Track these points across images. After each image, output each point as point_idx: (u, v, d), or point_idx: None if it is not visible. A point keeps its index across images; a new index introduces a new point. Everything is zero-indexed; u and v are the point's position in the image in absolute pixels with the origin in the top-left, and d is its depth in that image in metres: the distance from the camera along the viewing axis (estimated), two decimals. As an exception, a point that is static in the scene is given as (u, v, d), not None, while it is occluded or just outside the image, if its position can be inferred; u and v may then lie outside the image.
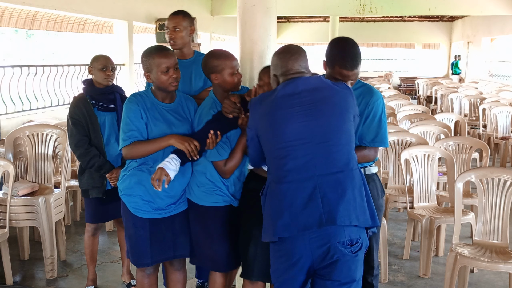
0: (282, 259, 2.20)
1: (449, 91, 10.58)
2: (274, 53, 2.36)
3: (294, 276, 2.18)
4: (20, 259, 4.24)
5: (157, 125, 2.59)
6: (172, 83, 2.57)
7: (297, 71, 2.26)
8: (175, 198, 2.67)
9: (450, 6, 14.23)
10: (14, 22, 8.54)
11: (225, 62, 2.62)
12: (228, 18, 15.07)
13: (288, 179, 2.15)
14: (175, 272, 2.87)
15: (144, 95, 2.64)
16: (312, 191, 2.11)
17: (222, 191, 2.67)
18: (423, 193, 4.11)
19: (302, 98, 2.17)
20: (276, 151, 2.19)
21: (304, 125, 2.15)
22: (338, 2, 14.26)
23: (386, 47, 23.38)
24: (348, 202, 2.11)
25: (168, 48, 2.66)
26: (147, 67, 2.59)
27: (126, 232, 2.77)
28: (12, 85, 7.19)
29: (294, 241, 2.15)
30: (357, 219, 2.12)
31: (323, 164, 2.13)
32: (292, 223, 2.12)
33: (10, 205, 3.64)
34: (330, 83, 2.25)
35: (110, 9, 9.27)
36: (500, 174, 3.30)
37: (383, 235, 3.73)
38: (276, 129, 2.18)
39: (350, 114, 2.22)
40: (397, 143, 4.56)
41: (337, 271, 2.14)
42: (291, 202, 2.13)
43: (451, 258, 3.25)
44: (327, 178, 2.12)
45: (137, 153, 2.56)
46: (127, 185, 2.65)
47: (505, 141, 7.11)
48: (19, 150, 4.34)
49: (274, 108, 2.19)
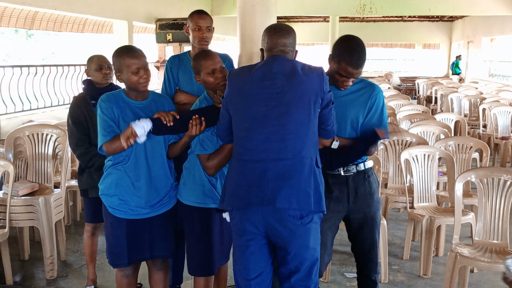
0: (238, 233, 2.38)
1: (449, 91, 10.58)
2: (264, 29, 2.44)
3: (249, 247, 2.35)
4: (20, 259, 4.24)
5: (128, 123, 2.56)
6: (142, 83, 2.59)
7: (281, 49, 2.34)
8: (152, 202, 2.66)
9: (450, 6, 14.23)
10: (14, 22, 8.54)
11: (201, 63, 2.64)
12: (228, 18, 15.05)
13: (243, 158, 2.33)
14: (157, 271, 2.88)
15: (116, 95, 2.65)
16: (261, 173, 2.27)
17: (209, 191, 2.67)
18: (423, 193, 4.11)
19: (274, 80, 2.27)
20: (239, 129, 2.34)
21: (267, 109, 2.26)
22: (338, 2, 14.25)
23: (386, 47, 23.38)
24: (291, 188, 2.25)
25: (139, 49, 2.66)
26: (117, 67, 2.60)
27: (105, 232, 2.79)
28: (12, 85, 7.20)
29: (244, 215, 2.33)
30: (298, 203, 2.27)
31: (276, 149, 2.27)
32: (238, 198, 2.32)
33: (10, 205, 3.64)
34: (305, 70, 2.30)
35: (110, 9, 9.27)
36: (500, 174, 3.30)
37: (383, 235, 3.73)
38: (243, 106, 2.32)
39: (316, 103, 2.29)
40: (397, 143, 4.56)
41: (293, 242, 2.31)
42: (242, 179, 2.32)
43: (451, 258, 3.25)
44: (277, 163, 2.27)
45: (116, 146, 2.55)
46: (105, 184, 2.67)
47: (505, 141, 7.10)
48: (19, 150, 4.33)
49: (247, 85, 2.31)
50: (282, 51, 2.35)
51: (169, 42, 10.66)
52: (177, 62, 3.20)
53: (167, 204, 2.73)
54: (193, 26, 3.08)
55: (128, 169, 2.62)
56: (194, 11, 3.14)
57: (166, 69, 3.19)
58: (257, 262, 2.37)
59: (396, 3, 14.23)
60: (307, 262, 2.35)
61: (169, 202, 2.74)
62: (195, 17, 3.09)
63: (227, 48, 19.18)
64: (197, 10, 3.14)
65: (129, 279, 2.82)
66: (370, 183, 2.76)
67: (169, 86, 3.17)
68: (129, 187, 2.62)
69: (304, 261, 2.34)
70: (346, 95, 2.66)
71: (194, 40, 3.10)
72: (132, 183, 2.62)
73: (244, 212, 2.33)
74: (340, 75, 2.57)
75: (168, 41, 10.67)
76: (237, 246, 2.41)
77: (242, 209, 2.33)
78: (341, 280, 3.80)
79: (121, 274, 2.79)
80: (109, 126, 2.57)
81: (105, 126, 2.57)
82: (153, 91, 2.76)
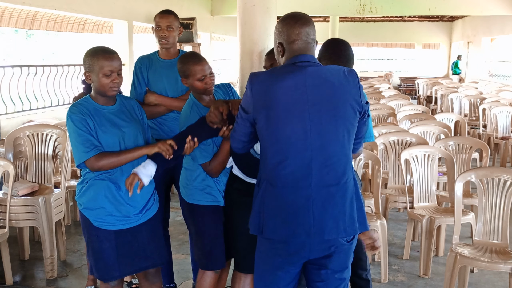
0: (274, 252, 2.17)
1: (449, 91, 10.58)
2: (278, 21, 2.18)
3: (283, 269, 2.18)
4: (20, 259, 4.23)
5: (106, 132, 2.47)
6: (113, 87, 2.45)
7: (304, 40, 2.09)
8: (138, 208, 2.58)
9: (450, 6, 14.23)
10: (14, 22, 8.54)
11: (193, 67, 2.58)
12: (228, 18, 15.06)
13: (283, 184, 2.08)
14: (150, 286, 2.76)
15: (84, 103, 2.49)
16: (305, 201, 2.06)
17: (213, 189, 2.67)
18: (423, 193, 4.11)
19: (308, 94, 2.01)
20: (273, 151, 2.08)
21: (305, 128, 2.02)
22: (338, 2, 14.25)
23: (386, 47, 23.37)
24: (338, 216, 2.08)
25: (115, 51, 2.54)
26: (89, 66, 2.44)
27: (88, 246, 2.63)
28: (12, 85, 7.20)
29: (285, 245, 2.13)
30: (345, 231, 2.10)
31: (319, 174, 2.05)
32: (282, 228, 2.09)
33: (10, 205, 3.64)
34: (341, 75, 2.07)
35: (110, 9, 9.27)
36: (500, 174, 3.30)
37: (383, 235, 3.73)
38: (276, 126, 2.04)
39: (355, 116, 2.08)
40: (397, 143, 4.56)
41: (334, 260, 2.16)
42: (283, 207, 2.08)
43: (451, 258, 3.25)
44: (321, 190, 2.06)
45: (109, 164, 2.44)
46: (87, 198, 2.52)
47: (505, 141, 7.10)
48: (19, 150, 4.34)
49: (277, 98, 2.03)
50: (306, 42, 2.09)
51: (169, 42, 10.65)
52: (147, 62, 3.22)
53: (152, 209, 2.65)
54: (155, 26, 3.14)
55: (113, 178, 2.49)
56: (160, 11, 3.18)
57: (135, 69, 3.20)
58: (286, 281, 2.22)
59: (396, 3, 14.23)
60: (341, 282, 2.21)
61: (154, 205, 2.67)
62: (156, 16, 3.15)
63: (227, 48, 19.19)
64: (162, 10, 3.17)
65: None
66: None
67: (138, 87, 3.18)
68: (115, 197, 2.50)
69: (338, 280, 2.20)
70: None
71: (156, 40, 3.15)
72: (117, 192, 2.51)
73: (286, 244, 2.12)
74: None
75: (168, 41, 10.67)
76: (267, 263, 2.21)
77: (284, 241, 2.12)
78: (341, 280, 3.79)
79: (106, 286, 2.68)
80: (87, 141, 2.41)
81: (83, 141, 2.41)
82: (118, 94, 2.61)
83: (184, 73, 2.63)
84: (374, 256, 4.14)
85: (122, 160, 2.46)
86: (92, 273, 2.69)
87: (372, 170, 4.12)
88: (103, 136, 2.46)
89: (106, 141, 2.46)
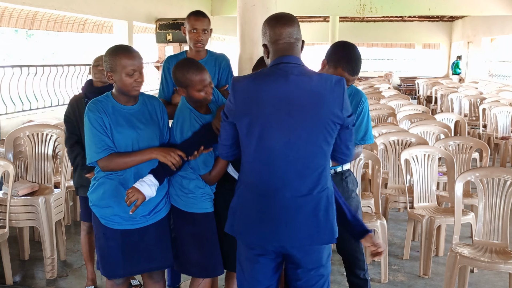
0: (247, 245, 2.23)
1: (449, 91, 10.58)
2: (263, 22, 2.18)
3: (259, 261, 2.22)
4: (20, 259, 4.23)
5: (121, 132, 2.45)
6: (135, 87, 2.43)
7: (287, 41, 2.09)
8: (146, 210, 2.56)
9: (450, 6, 14.24)
10: (14, 22, 8.55)
11: (190, 78, 2.50)
12: (228, 18, 15.06)
13: (258, 191, 2.11)
14: (154, 284, 2.75)
15: (104, 101, 2.47)
16: (279, 211, 2.09)
17: (210, 196, 2.65)
18: (423, 193, 4.11)
19: (289, 104, 2.02)
20: (252, 158, 2.11)
21: (284, 137, 2.04)
22: (338, 2, 14.26)
23: (386, 47, 23.40)
24: (311, 224, 2.10)
25: (135, 49, 2.51)
26: (111, 66, 2.41)
27: (96, 242, 2.64)
28: (12, 85, 7.20)
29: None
30: (319, 239, 2.13)
31: (294, 184, 2.07)
32: (253, 234, 2.15)
33: (10, 205, 3.64)
34: (326, 86, 2.07)
35: (110, 9, 9.28)
36: (500, 174, 3.30)
37: (383, 235, 3.73)
38: (256, 134, 2.06)
39: (335, 128, 2.09)
40: (397, 143, 4.56)
41: (307, 259, 2.19)
42: (257, 214, 2.12)
43: (451, 258, 3.25)
44: (294, 200, 2.08)
45: (116, 166, 2.44)
46: (97, 195, 2.53)
47: (505, 141, 7.10)
48: (19, 150, 4.34)
49: (258, 106, 2.04)
50: (289, 42, 2.09)
51: (169, 42, 10.67)
52: (175, 62, 3.18)
53: (161, 212, 2.62)
54: (189, 28, 3.06)
55: (124, 180, 2.48)
56: (192, 12, 3.10)
57: (163, 69, 3.17)
58: (265, 275, 2.25)
59: (396, 3, 14.24)
60: (319, 278, 2.22)
61: (164, 208, 2.65)
62: (192, 18, 3.06)
63: (227, 48, 19.19)
64: (195, 11, 3.10)
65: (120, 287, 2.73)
66: (348, 183, 2.83)
67: (166, 87, 3.15)
68: (123, 197, 2.45)
69: (316, 277, 2.22)
70: None
71: (190, 42, 3.09)
72: (125, 193, 2.45)
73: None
74: None
75: (168, 41, 10.69)
76: (245, 257, 2.26)
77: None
78: (341, 280, 3.79)
79: (111, 284, 2.69)
80: (101, 141, 2.40)
81: (96, 141, 2.40)
82: (141, 92, 2.58)
83: (182, 83, 2.53)
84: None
85: (130, 163, 2.45)
86: (99, 268, 2.71)
87: (372, 170, 4.13)
88: (117, 137, 2.45)
89: (119, 141, 2.46)
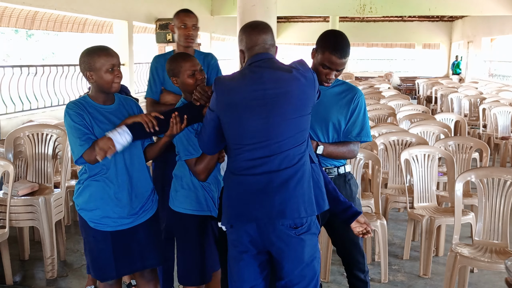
0: (233, 243, 2.29)
1: (449, 91, 10.58)
2: (240, 29, 2.36)
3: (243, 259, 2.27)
4: (20, 259, 4.24)
5: (102, 127, 2.46)
6: (116, 82, 2.47)
7: (262, 46, 2.28)
8: (135, 209, 2.56)
9: (450, 6, 14.24)
10: (14, 22, 8.55)
11: (181, 64, 2.56)
12: (228, 18, 15.07)
13: (243, 172, 2.24)
14: (146, 283, 2.75)
15: (82, 101, 2.51)
16: (265, 185, 2.20)
17: (203, 197, 2.58)
18: (423, 193, 4.11)
19: (266, 91, 2.19)
20: (236, 144, 2.26)
21: (264, 122, 2.19)
22: (338, 2, 14.26)
23: (386, 47, 23.37)
24: (298, 197, 2.21)
25: (109, 47, 2.55)
26: (90, 66, 2.44)
27: (85, 246, 2.64)
28: (12, 85, 7.20)
29: (242, 227, 2.25)
30: (305, 211, 2.22)
31: (277, 161, 2.21)
32: (243, 214, 2.23)
33: (10, 205, 3.64)
34: (294, 73, 2.22)
35: (110, 9, 9.28)
36: (500, 174, 3.30)
37: (383, 235, 3.73)
38: (239, 122, 2.22)
39: (308, 107, 2.26)
40: (397, 143, 4.56)
41: (287, 256, 2.23)
42: (244, 193, 2.23)
43: (451, 258, 3.25)
44: (280, 173, 2.20)
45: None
46: (83, 199, 2.53)
47: (505, 141, 7.10)
48: (19, 150, 4.34)
49: (239, 96, 2.22)
50: (264, 48, 2.28)
51: (169, 42, 10.67)
52: (162, 61, 3.16)
53: (150, 210, 2.64)
54: (179, 24, 3.11)
55: (108, 179, 2.49)
56: (180, 9, 3.16)
57: (151, 69, 3.19)
58: (250, 273, 2.28)
59: (396, 3, 14.24)
60: (301, 278, 2.24)
61: (152, 207, 2.65)
62: (181, 15, 3.12)
63: (227, 48, 19.20)
64: (183, 9, 3.17)
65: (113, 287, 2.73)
66: (350, 186, 2.83)
67: (154, 86, 3.16)
68: (111, 199, 2.49)
69: (298, 277, 2.24)
70: (328, 97, 2.66)
71: (180, 38, 3.11)
72: (113, 193, 2.50)
73: (243, 225, 2.24)
74: (324, 66, 2.57)
75: (168, 41, 10.68)
76: (231, 257, 2.33)
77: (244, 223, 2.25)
78: (341, 280, 3.79)
79: (104, 285, 2.69)
80: (84, 134, 2.42)
81: (79, 134, 2.42)
82: (117, 94, 2.61)
83: (173, 71, 2.58)
84: (374, 256, 4.14)
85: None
86: (89, 272, 2.70)
87: (372, 170, 4.13)
88: (98, 131, 2.46)
89: (101, 135, 2.44)
